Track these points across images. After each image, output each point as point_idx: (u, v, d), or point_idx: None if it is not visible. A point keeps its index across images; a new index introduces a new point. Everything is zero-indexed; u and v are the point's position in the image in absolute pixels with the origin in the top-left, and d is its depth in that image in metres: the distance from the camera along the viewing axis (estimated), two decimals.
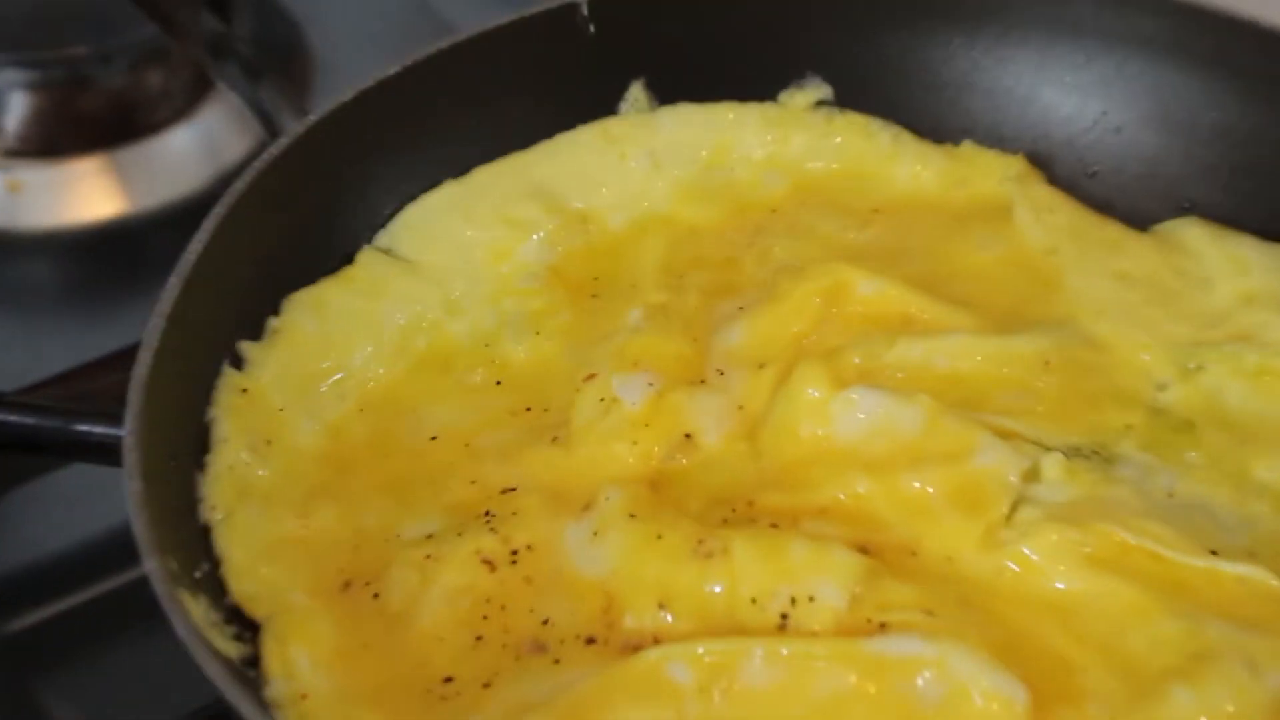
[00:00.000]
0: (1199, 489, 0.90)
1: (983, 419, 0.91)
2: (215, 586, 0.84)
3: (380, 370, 0.98)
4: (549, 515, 0.88)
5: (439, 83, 1.07)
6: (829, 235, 1.07)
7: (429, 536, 0.88)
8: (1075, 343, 0.97)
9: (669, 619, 0.82)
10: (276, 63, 1.43)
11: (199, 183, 1.33)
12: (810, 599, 0.81)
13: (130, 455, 0.81)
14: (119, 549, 0.80)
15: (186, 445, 0.89)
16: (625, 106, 1.13)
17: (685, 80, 1.13)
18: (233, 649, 0.81)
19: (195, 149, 1.36)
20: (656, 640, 0.81)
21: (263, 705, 0.78)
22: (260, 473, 0.90)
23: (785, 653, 0.79)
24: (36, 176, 1.33)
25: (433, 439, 0.95)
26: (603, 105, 1.13)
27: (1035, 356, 0.96)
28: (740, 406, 0.94)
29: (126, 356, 0.86)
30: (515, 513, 0.88)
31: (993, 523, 0.86)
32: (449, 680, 0.81)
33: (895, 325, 0.99)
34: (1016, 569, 0.85)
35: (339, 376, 0.97)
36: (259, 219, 0.97)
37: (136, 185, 1.33)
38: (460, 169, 1.08)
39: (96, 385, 0.96)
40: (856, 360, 0.95)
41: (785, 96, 1.15)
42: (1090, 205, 1.10)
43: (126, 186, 1.33)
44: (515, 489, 0.90)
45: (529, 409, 0.97)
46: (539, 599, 0.84)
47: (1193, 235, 1.06)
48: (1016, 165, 1.10)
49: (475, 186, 1.08)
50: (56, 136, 1.35)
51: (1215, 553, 0.85)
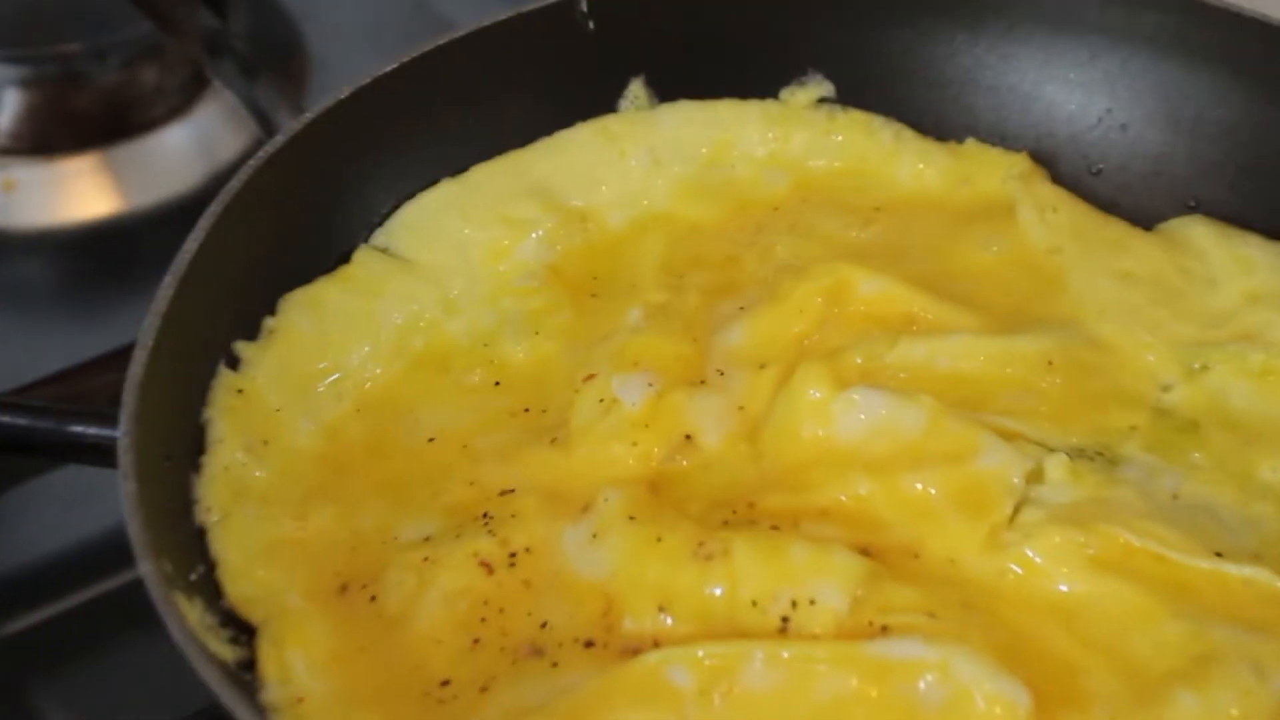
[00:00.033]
0: (1204, 490, 0.90)
1: (985, 420, 0.91)
2: (211, 589, 0.85)
3: (378, 370, 0.98)
4: (547, 517, 0.88)
5: (436, 80, 1.07)
6: (831, 234, 1.07)
7: (426, 538, 0.88)
8: (1079, 343, 0.97)
9: (669, 622, 0.82)
10: (273, 60, 1.44)
11: (194, 181, 1.33)
12: (811, 601, 0.82)
13: (125, 456, 0.81)
14: (114, 551, 0.80)
15: (182, 446, 0.89)
16: (625, 104, 1.13)
17: (685, 77, 1.13)
18: (228, 652, 0.81)
19: (190, 147, 1.36)
20: (656, 643, 0.81)
21: (259, 709, 0.78)
22: (256, 474, 0.91)
23: (786, 656, 0.79)
24: (30, 174, 1.33)
25: (430, 440, 0.95)
26: (602, 102, 1.13)
27: (1038, 357, 0.96)
28: (741, 407, 0.94)
29: (121, 356, 0.86)
30: (513, 514, 0.88)
31: (996, 524, 0.86)
32: (446, 683, 0.81)
33: (897, 325, 0.99)
34: (1019, 571, 0.85)
35: (336, 377, 0.97)
36: (255, 218, 0.97)
37: (131, 183, 1.33)
38: (458, 167, 1.09)
39: (91, 385, 0.96)
40: (858, 360, 0.95)
41: (787, 94, 1.15)
42: (1094, 204, 1.10)
43: (121, 185, 1.33)
44: (514, 490, 0.91)
45: (528, 410, 0.97)
46: (537, 602, 0.84)
47: (1198, 234, 1.06)
48: (1020, 163, 1.10)
49: (473, 185, 1.08)
50: (50, 134, 1.35)
51: (1220, 554, 0.85)
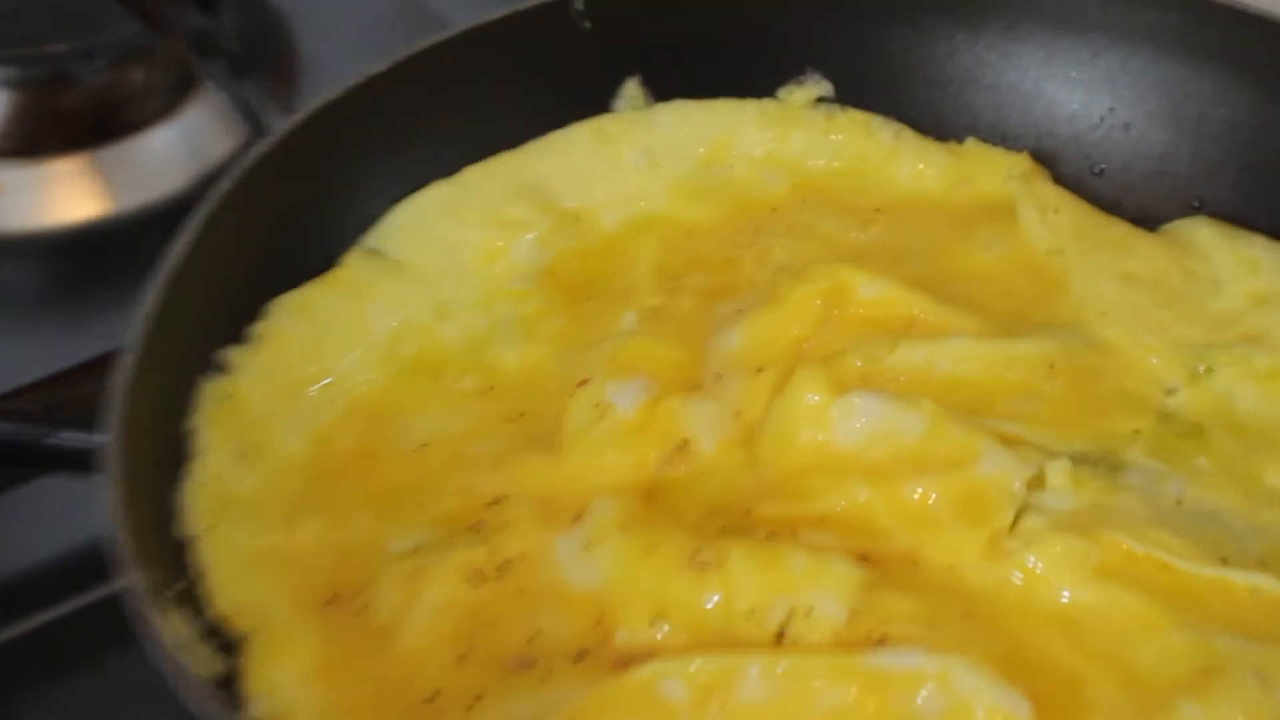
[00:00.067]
0: (1209, 496, 0.90)
1: (986, 425, 0.91)
2: (196, 601, 0.84)
3: (368, 376, 0.98)
4: (540, 526, 0.88)
5: (429, 80, 1.07)
6: (829, 235, 1.07)
7: (417, 548, 0.88)
8: (1081, 346, 0.97)
9: (663, 633, 0.82)
10: (262, 60, 1.43)
11: (182, 183, 1.33)
12: (809, 611, 0.81)
13: (109, 465, 0.81)
14: (97, 562, 0.80)
15: (167, 454, 0.89)
16: (620, 103, 1.13)
17: (682, 76, 1.13)
18: (213, 666, 0.81)
19: (179, 148, 1.36)
20: (650, 655, 0.81)
21: None
22: (244, 482, 0.91)
23: (783, 667, 0.79)
24: (15, 176, 1.33)
25: (421, 447, 0.95)
26: (597, 102, 1.13)
27: (1040, 360, 0.96)
28: (737, 412, 0.94)
29: (106, 362, 0.86)
30: (505, 524, 0.88)
31: (996, 532, 0.86)
32: (435, 696, 0.81)
33: (897, 328, 0.99)
34: (1021, 580, 0.85)
35: (325, 383, 0.97)
36: (243, 220, 0.97)
37: (118, 185, 1.33)
38: (450, 168, 1.08)
39: (75, 392, 0.96)
40: (857, 364, 0.95)
41: (784, 93, 1.15)
42: (1097, 204, 1.10)
43: (108, 187, 1.33)
44: (505, 499, 0.90)
45: (520, 416, 0.97)
46: (529, 613, 0.84)
47: (1202, 235, 1.06)
48: (1021, 163, 1.10)
49: (466, 186, 1.08)
50: (36, 135, 1.35)
51: (1226, 562, 0.85)
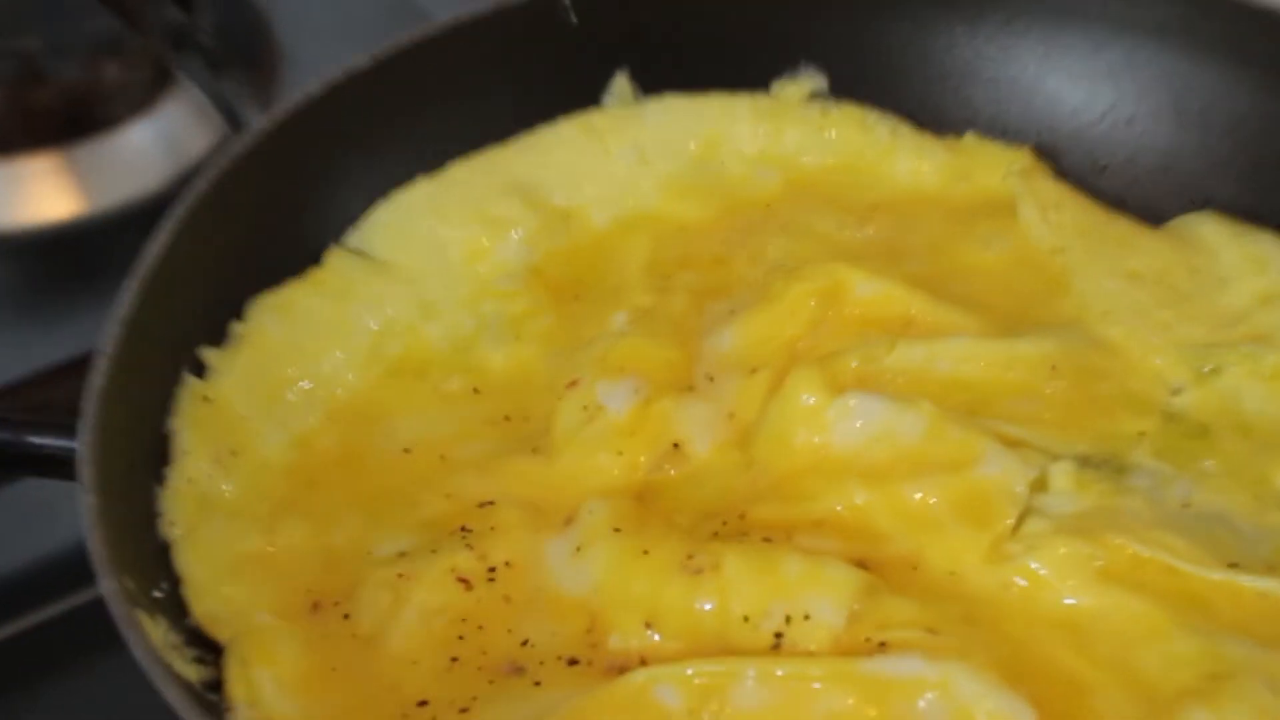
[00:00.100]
0: (1216, 498, 0.90)
1: (987, 426, 0.91)
2: (176, 607, 0.84)
3: (351, 378, 0.98)
4: (529, 530, 0.88)
5: (413, 75, 1.07)
6: (825, 233, 1.07)
7: (402, 554, 0.88)
8: (1084, 346, 0.97)
9: (656, 639, 0.82)
10: (240, 54, 1.43)
11: (158, 181, 1.33)
12: (806, 617, 0.81)
13: (86, 469, 0.81)
14: (74, 568, 0.80)
15: (145, 458, 0.89)
16: (609, 98, 1.13)
17: (672, 70, 1.13)
18: (194, 672, 0.80)
19: (154, 145, 1.35)
20: (643, 661, 0.81)
21: None
22: (224, 486, 0.90)
23: (779, 674, 0.79)
24: None
25: (406, 451, 0.95)
26: (585, 97, 1.13)
27: (1042, 360, 0.96)
28: (731, 414, 0.94)
29: (82, 365, 0.86)
30: (493, 528, 0.88)
31: (998, 535, 0.86)
32: (423, 704, 0.81)
33: (895, 328, 0.99)
34: (1024, 584, 0.85)
35: (307, 385, 0.97)
36: (221, 219, 0.97)
37: (92, 184, 1.33)
38: (435, 165, 1.08)
39: (50, 395, 0.95)
40: (854, 364, 0.95)
41: (778, 87, 1.14)
42: (1100, 201, 1.10)
43: (82, 185, 1.33)
44: (493, 503, 0.90)
45: (508, 418, 0.97)
46: (518, 619, 0.84)
47: (1208, 232, 1.06)
48: (1022, 159, 1.10)
49: (451, 183, 1.08)
50: (7, 132, 1.35)
51: (1234, 566, 0.85)
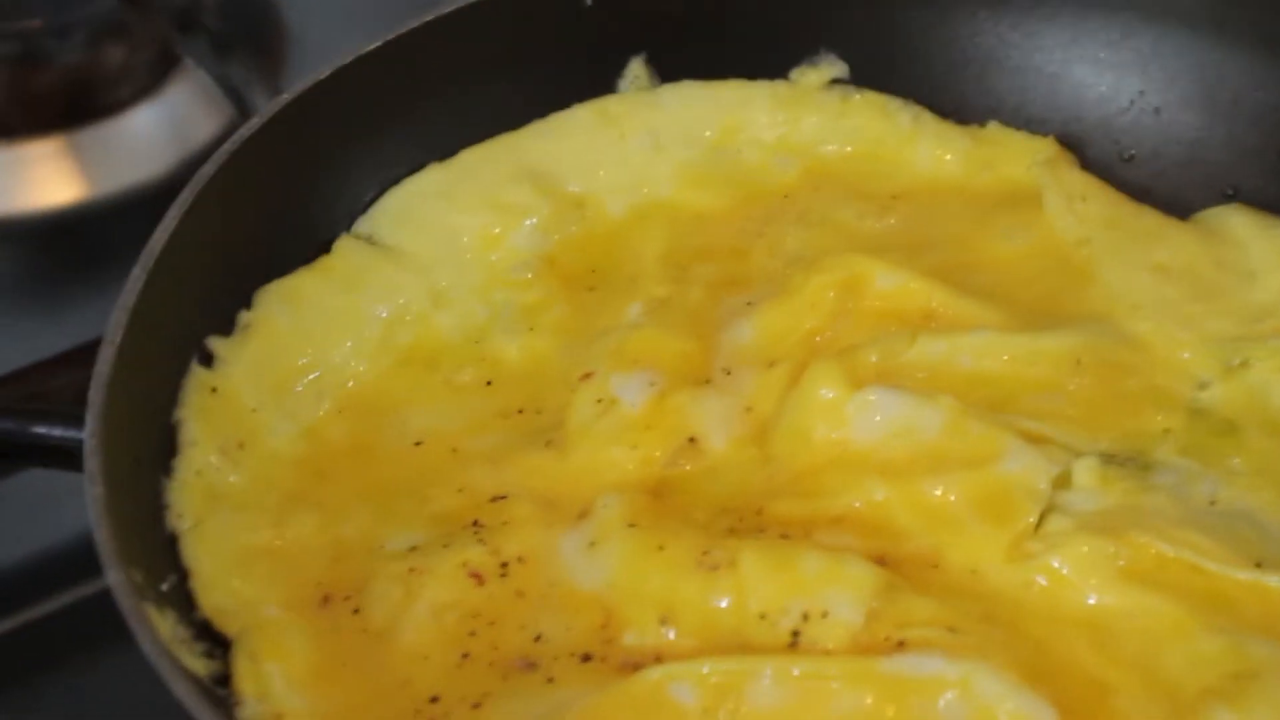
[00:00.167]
0: (1243, 496, 0.90)
1: (1010, 422, 0.91)
2: (183, 600, 0.85)
3: (361, 368, 0.99)
4: (542, 525, 0.88)
5: (424, 58, 1.07)
6: (844, 224, 1.07)
7: (413, 548, 0.88)
8: (1109, 340, 0.97)
9: (672, 636, 0.82)
10: (247, 37, 1.43)
11: (164, 167, 1.33)
12: (824, 614, 0.82)
13: (92, 459, 0.81)
14: (80, 560, 0.80)
15: (152, 448, 0.89)
16: (625, 84, 1.13)
17: (689, 56, 1.13)
18: (202, 666, 0.81)
19: (160, 130, 1.36)
20: (658, 659, 0.81)
21: None
22: (231, 478, 0.91)
23: (796, 672, 0.79)
24: None
25: (417, 443, 0.95)
26: (600, 82, 1.13)
27: (1066, 355, 0.96)
28: (748, 408, 0.95)
29: (87, 353, 0.86)
30: (506, 522, 0.89)
31: (1020, 533, 0.86)
32: (435, 700, 0.81)
33: (916, 321, 0.99)
34: (1045, 583, 0.85)
35: (316, 375, 0.98)
36: (229, 205, 0.97)
37: (96, 169, 1.33)
38: (446, 151, 1.09)
39: (55, 384, 0.96)
40: (874, 358, 0.96)
41: (797, 74, 1.15)
42: (1126, 192, 1.10)
43: (86, 170, 1.33)
44: (506, 497, 0.91)
45: (521, 411, 0.97)
46: (531, 614, 0.84)
47: (1237, 224, 1.06)
48: (1046, 148, 1.11)
49: (463, 169, 1.08)
50: (9, 117, 1.35)
51: (1260, 565, 0.85)
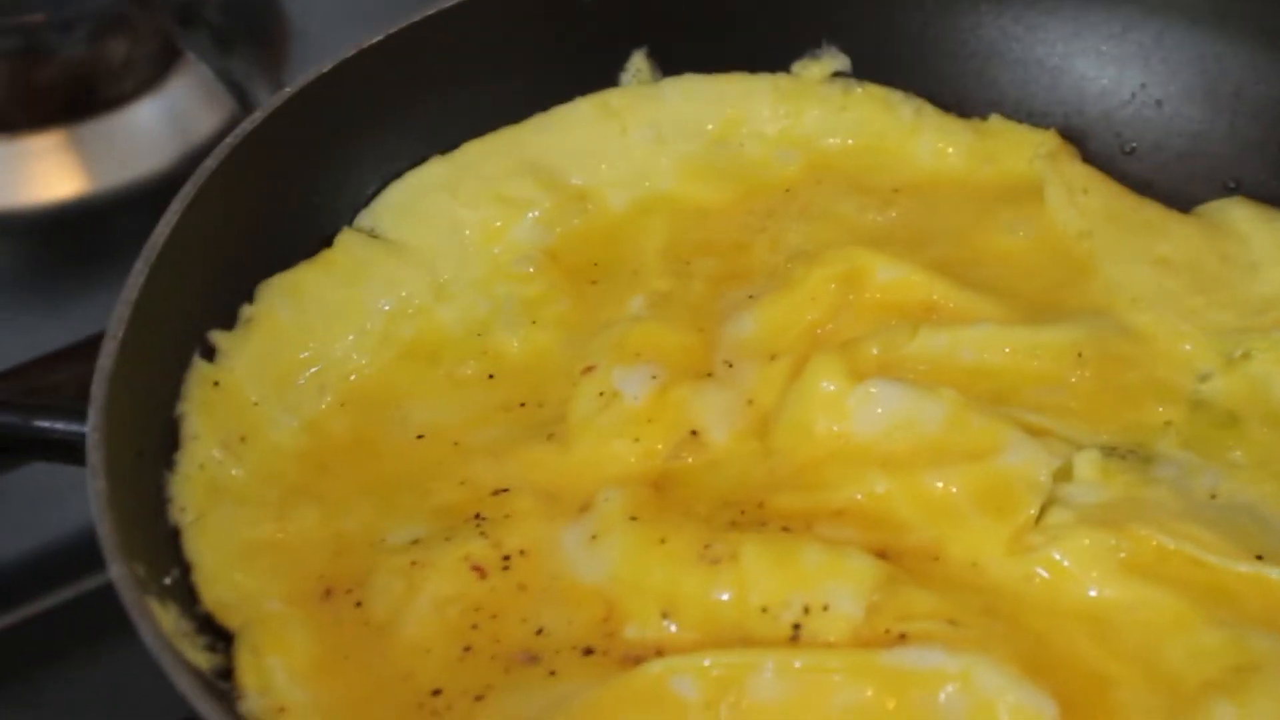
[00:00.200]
0: (1244, 489, 0.90)
1: (1011, 414, 0.92)
2: (186, 593, 0.85)
3: (363, 361, 0.99)
4: (544, 518, 0.89)
5: (425, 52, 1.08)
6: (846, 217, 1.08)
7: (415, 541, 0.88)
8: (1111, 333, 0.98)
9: (673, 629, 0.83)
10: (249, 31, 1.44)
11: (166, 160, 1.33)
12: (825, 608, 0.82)
13: (94, 453, 0.82)
14: (83, 554, 0.81)
15: (154, 442, 0.90)
16: (626, 77, 1.14)
17: (691, 49, 1.14)
18: (205, 660, 0.81)
19: (162, 124, 1.36)
20: (660, 652, 0.82)
21: None
22: (233, 472, 0.91)
23: (798, 665, 0.79)
24: None
25: (419, 436, 0.96)
26: (602, 76, 1.13)
27: (1068, 348, 0.96)
28: (750, 401, 0.95)
29: (89, 347, 0.87)
30: (508, 515, 0.89)
31: (1021, 526, 0.87)
32: (437, 693, 0.81)
33: (917, 314, 0.99)
34: (1046, 575, 0.85)
35: (318, 368, 0.98)
36: (231, 199, 0.97)
37: (99, 163, 1.33)
38: (448, 144, 1.09)
39: (57, 378, 0.96)
40: (875, 351, 0.96)
41: (799, 67, 1.15)
42: (1128, 185, 1.10)
43: (88, 164, 1.33)
44: (508, 490, 0.91)
45: (523, 404, 0.98)
46: (533, 607, 0.85)
47: (1238, 216, 1.06)
48: (1048, 141, 1.11)
49: (465, 162, 1.09)
50: (11, 111, 1.35)
51: (1261, 557, 0.85)
